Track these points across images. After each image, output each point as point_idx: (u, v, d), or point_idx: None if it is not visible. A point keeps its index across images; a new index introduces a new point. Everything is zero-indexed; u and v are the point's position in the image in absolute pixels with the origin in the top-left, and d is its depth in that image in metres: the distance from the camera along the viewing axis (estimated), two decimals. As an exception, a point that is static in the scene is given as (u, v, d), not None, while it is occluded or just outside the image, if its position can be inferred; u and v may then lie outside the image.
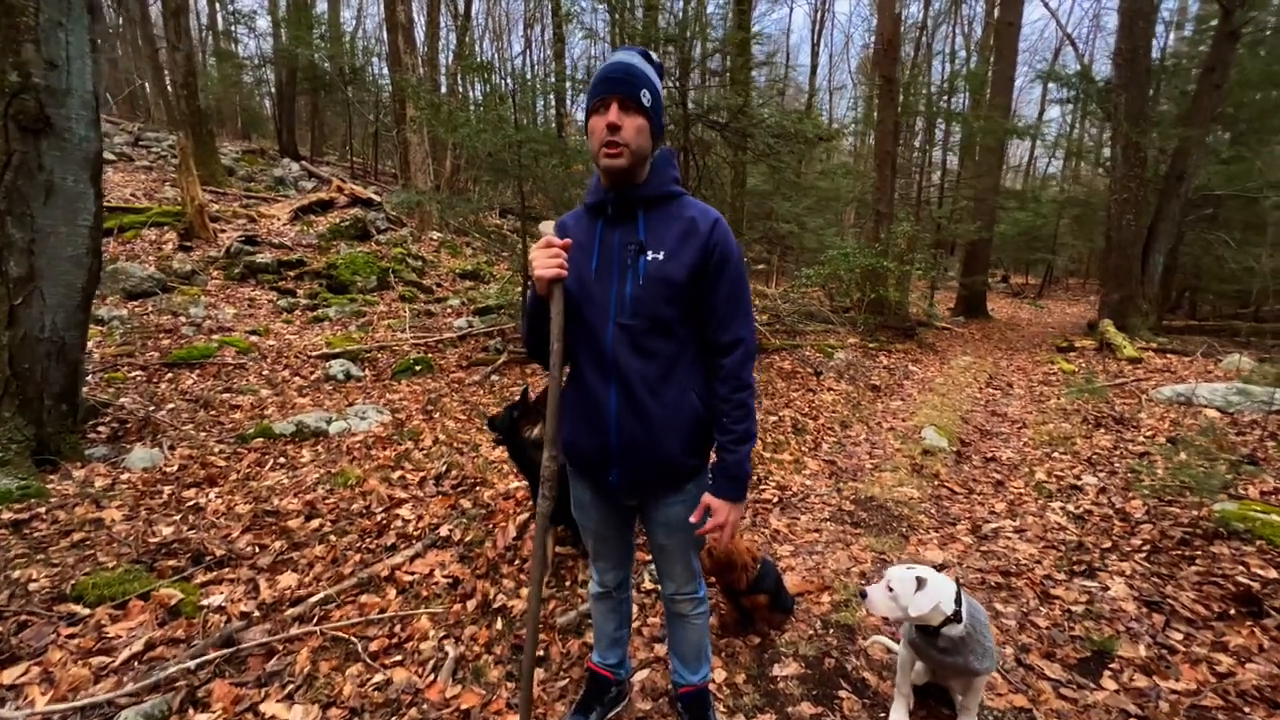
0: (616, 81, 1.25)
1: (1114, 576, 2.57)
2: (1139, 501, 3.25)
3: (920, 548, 2.91)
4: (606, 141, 1.25)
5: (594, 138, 1.29)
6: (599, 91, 1.26)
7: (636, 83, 1.26)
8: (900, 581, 1.61)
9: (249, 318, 6.40)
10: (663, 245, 1.31)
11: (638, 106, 1.26)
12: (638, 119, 1.26)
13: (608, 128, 1.24)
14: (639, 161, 1.30)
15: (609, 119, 1.24)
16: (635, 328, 1.31)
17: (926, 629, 1.66)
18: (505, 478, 3.37)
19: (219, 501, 2.84)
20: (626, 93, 1.24)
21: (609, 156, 1.26)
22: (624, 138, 1.25)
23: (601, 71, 1.28)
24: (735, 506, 1.38)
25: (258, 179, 12.38)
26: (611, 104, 1.25)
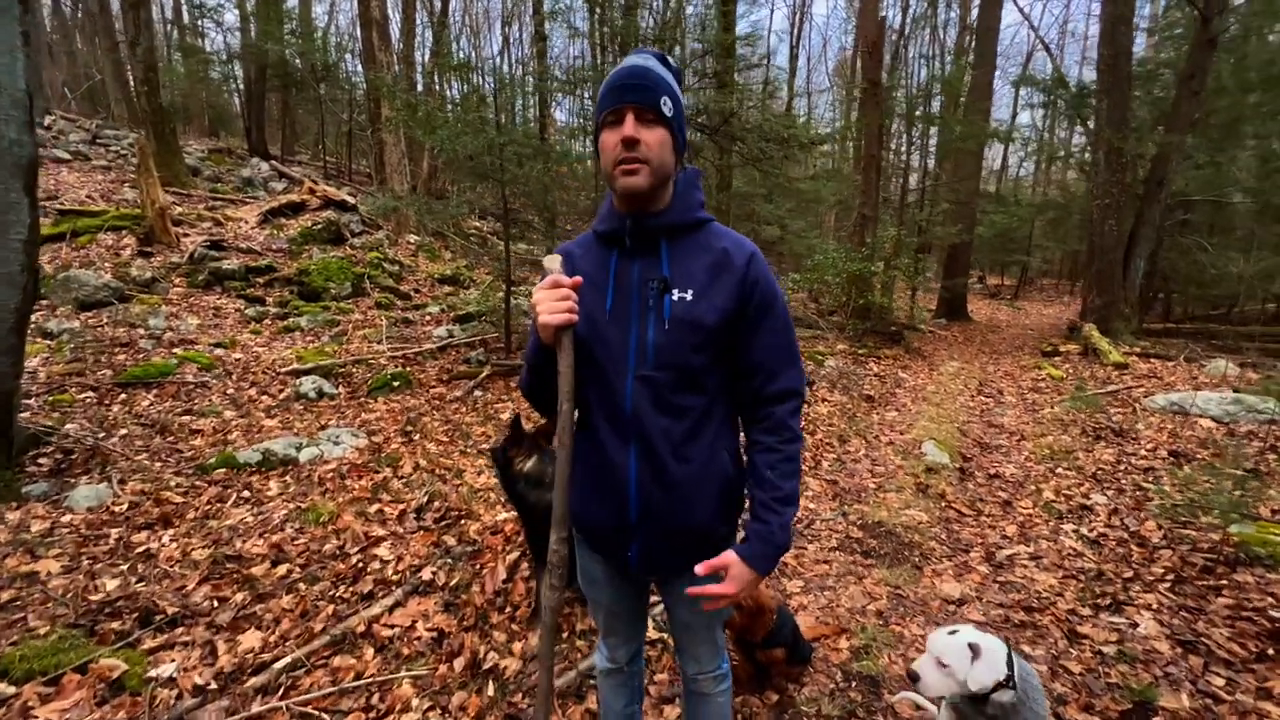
0: (632, 89, 1.04)
1: (1142, 611, 2.44)
2: (1153, 524, 3.14)
3: (935, 579, 2.76)
4: (623, 158, 1.05)
5: (606, 155, 1.08)
6: (611, 101, 1.05)
7: (655, 89, 1.05)
8: (953, 653, 1.44)
9: (214, 328, 6.04)
10: (691, 282, 1.11)
11: (658, 116, 1.05)
12: (658, 131, 1.06)
13: (623, 142, 1.04)
14: (661, 180, 1.10)
15: (624, 132, 1.03)
16: (659, 380, 1.10)
17: (975, 700, 1.48)
18: (493, 508, 3.14)
19: (173, 546, 2.56)
20: (644, 101, 1.04)
21: (626, 174, 1.06)
22: (643, 152, 1.04)
23: (613, 77, 1.07)
24: (759, 578, 1.18)
25: (225, 179, 11.88)
26: (627, 115, 1.04)
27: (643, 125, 1.05)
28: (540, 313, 1.04)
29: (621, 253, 1.16)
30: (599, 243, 1.21)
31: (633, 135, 1.03)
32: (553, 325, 1.04)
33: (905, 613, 2.50)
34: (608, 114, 1.06)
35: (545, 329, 1.05)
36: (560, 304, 1.04)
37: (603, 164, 1.11)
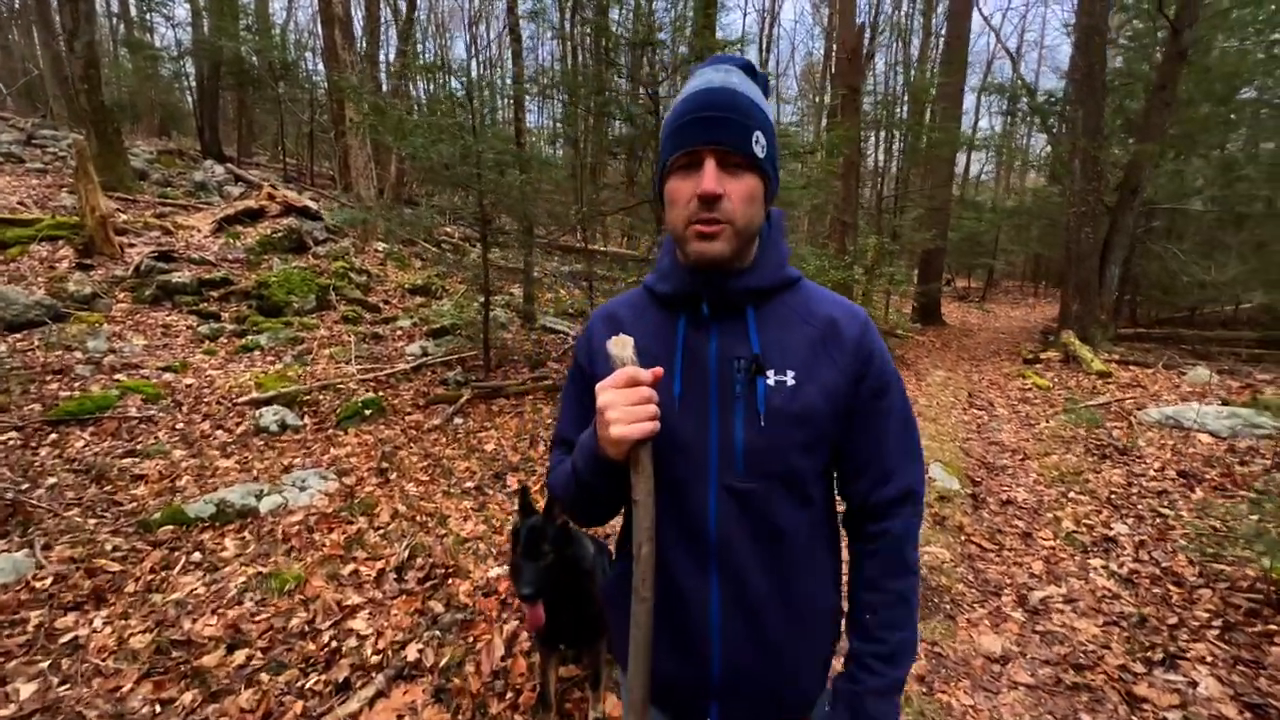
0: (715, 124, 0.76)
1: (1196, 666, 2.27)
2: (1183, 558, 3.00)
3: (972, 631, 2.55)
4: (699, 218, 0.77)
5: (676, 209, 0.80)
6: (687, 138, 0.77)
7: (745, 121, 0.77)
8: None
9: (163, 349, 5.54)
10: (790, 360, 0.84)
11: (746, 160, 0.78)
12: (746, 180, 0.79)
13: (701, 199, 0.76)
14: (746, 243, 0.82)
15: (704, 186, 0.75)
16: (754, 493, 0.83)
17: None
18: (483, 562, 2.82)
19: (107, 631, 2.17)
20: (732, 141, 0.76)
21: (702, 238, 0.78)
22: (726, 211, 0.77)
23: (689, 103, 0.78)
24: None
25: (175, 184, 11.15)
26: (706, 160, 0.76)
27: (727, 173, 0.77)
28: (612, 420, 0.75)
29: (693, 321, 0.88)
30: (657, 305, 0.92)
31: (714, 191, 0.75)
32: (630, 439, 0.75)
33: (949, 676, 2.28)
34: (682, 155, 0.78)
35: (619, 444, 0.76)
36: (640, 408, 0.75)
37: (670, 219, 0.82)
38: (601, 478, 0.83)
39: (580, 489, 0.87)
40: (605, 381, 0.78)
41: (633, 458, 0.77)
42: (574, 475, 0.88)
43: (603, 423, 0.76)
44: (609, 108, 5.70)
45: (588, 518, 0.94)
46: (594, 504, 0.89)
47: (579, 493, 0.88)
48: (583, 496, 0.88)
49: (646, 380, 0.76)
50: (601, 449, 0.79)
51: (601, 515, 0.93)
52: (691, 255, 0.81)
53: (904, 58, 21.57)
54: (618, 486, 0.82)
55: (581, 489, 0.87)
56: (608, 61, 6.82)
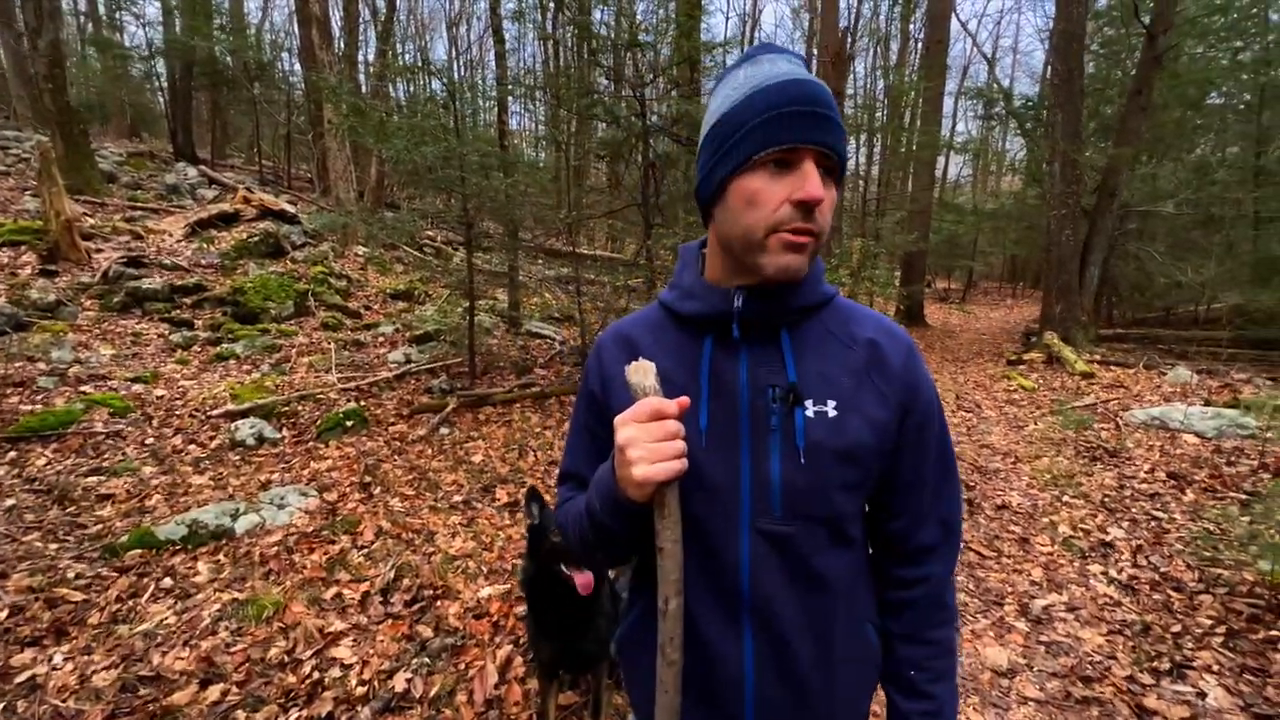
0: (817, 120, 0.66)
1: (1204, 675, 2.24)
2: (1181, 563, 2.99)
3: (978, 643, 2.50)
4: (796, 227, 0.68)
5: (756, 210, 0.69)
6: (782, 133, 0.66)
7: (840, 124, 0.69)
8: None
9: (132, 359, 5.32)
10: (831, 389, 0.76)
11: (837, 167, 0.70)
12: (833, 191, 0.71)
13: (801, 205, 0.67)
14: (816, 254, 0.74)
15: (811, 191, 0.66)
16: (792, 536, 0.74)
17: None
18: (472, 581, 2.70)
19: (68, 668, 2.02)
20: (832, 144, 0.67)
21: (792, 249, 0.69)
22: (820, 223, 0.69)
23: (777, 92, 0.67)
24: None
25: (146, 186, 10.81)
26: (806, 161, 0.67)
27: (826, 178, 0.69)
28: (635, 460, 0.65)
29: (720, 343, 0.79)
30: (677, 326, 0.84)
31: (820, 196, 0.66)
32: (656, 481, 0.65)
33: (959, 692, 2.22)
34: (776, 151, 0.67)
35: (643, 485, 0.66)
36: (667, 445, 0.66)
37: (746, 222, 0.70)
38: (621, 520, 0.73)
39: (596, 531, 0.77)
40: (625, 414, 0.68)
41: (657, 500, 0.68)
42: (588, 516, 0.78)
43: (623, 461, 0.67)
44: (594, 110, 5.61)
45: (602, 561, 0.85)
46: (611, 547, 0.79)
47: (595, 535, 0.78)
48: (599, 540, 0.79)
49: (673, 413, 0.67)
50: (621, 490, 0.70)
51: (618, 558, 0.84)
52: (772, 268, 0.70)
53: (883, 62, 21.79)
54: (638, 530, 0.73)
55: (598, 531, 0.77)
56: (593, 63, 6.74)
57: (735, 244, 0.73)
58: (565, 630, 1.70)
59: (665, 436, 0.66)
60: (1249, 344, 9.02)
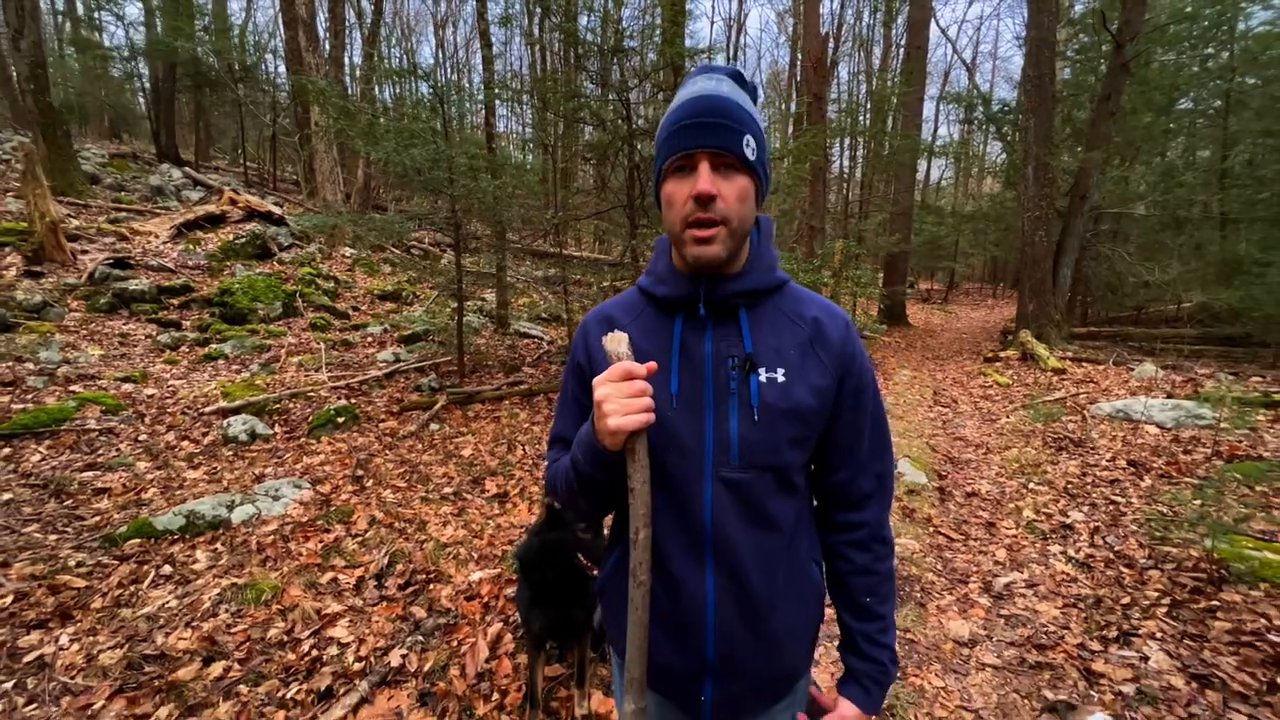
0: (707, 128, 0.81)
1: (1148, 641, 2.41)
2: (1134, 542, 3.18)
3: (942, 617, 2.66)
4: (696, 219, 0.82)
5: (673, 211, 0.85)
6: (680, 143, 0.82)
7: (737, 125, 0.82)
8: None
9: (121, 359, 5.35)
10: (781, 359, 0.90)
11: (739, 162, 0.83)
12: (739, 181, 0.84)
13: (696, 199, 0.81)
14: (740, 243, 0.87)
15: (699, 187, 0.80)
16: (748, 483, 0.88)
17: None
18: (463, 566, 2.81)
19: (75, 649, 2.10)
20: (723, 144, 0.81)
21: (699, 242, 0.83)
22: (721, 211, 0.82)
23: (681, 110, 0.83)
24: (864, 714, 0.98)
25: (129, 188, 10.76)
26: (701, 162, 0.81)
27: (720, 175, 0.82)
28: (610, 413, 0.79)
29: (689, 321, 0.92)
30: (653, 307, 0.97)
31: (709, 191, 0.80)
32: (628, 430, 0.79)
33: (921, 660, 2.37)
34: (677, 158, 0.83)
35: (616, 435, 0.80)
36: (636, 400, 0.79)
37: (667, 221, 0.87)
38: (600, 469, 0.86)
39: (580, 480, 0.91)
40: (601, 376, 0.81)
41: (629, 448, 0.81)
42: (573, 469, 0.91)
43: (600, 415, 0.80)
44: (580, 113, 5.74)
45: (586, 511, 0.98)
46: (593, 495, 0.92)
47: (579, 484, 0.91)
48: (582, 488, 0.91)
49: (641, 374, 0.80)
50: (599, 440, 0.83)
51: (601, 507, 0.97)
52: (689, 257, 0.85)
53: (866, 67, 22.13)
54: (616, 477, 0.86)
55: (581, 481, 0.90)
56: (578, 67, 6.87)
57: (672, 239, 0.88)
58: (559, 598, 1.83)
59: (635, 394, 0.79)
60: (1214, 341, 9.36)
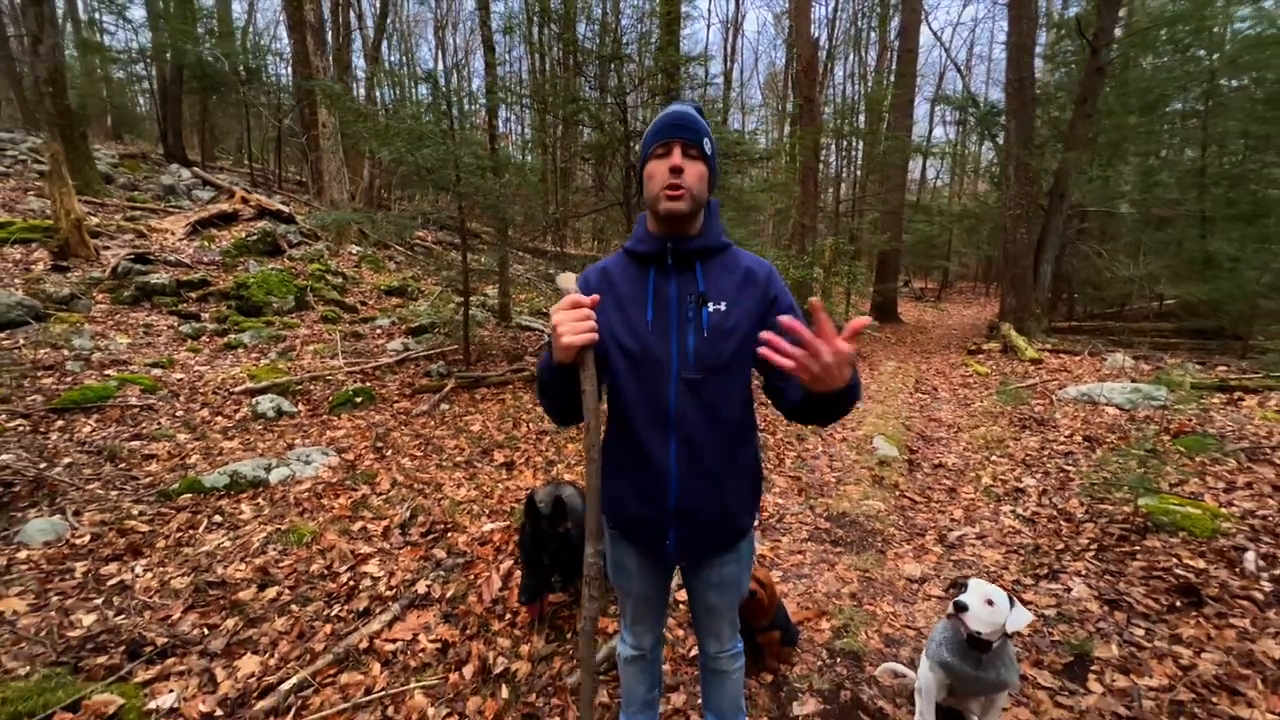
0: (680, 127, 1.21)
1: (1073, 577, 2.78)
2: (1076, 501, 3.55)
3: (898, 562, 3.02)
4: (669, 185, 1.20)
5: (653, 182, 1.23)
6: (662, 135, 1.21)
7: (699, 130, 1.22)
8: (999, 596, 1.65)
9: (147, 347, 5.69)
10: (724, 296, 1.26)
11: (700, 153, 1.22)
12: (699, 165, 1.22)
13: (671, 170, 1.19)
14: (698, 208, 1.25)
15: (673, 161, 1.19)
16: (700, 382, 1.24)
17: (973, 646, 1.69)
18: (477, 519, 3.17)
19: (149, 576, 2.46)
20: (690, 138, 1.20)
21: (671, 199, 1.20)
22: (686, 181, 1.20)
23: (664, 117, 1.23)
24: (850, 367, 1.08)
25: (142, 188, 11.09)
26: (675, 148, 1.20)
27: (687, 159, 1.20)
28: (562, 334, 1.11)
29: (660, 270, 1.29)
30: (634, 262, 1.33)
31: (680, 164, 1.18)
32: (576, 345, 1.11)
33: (875, 594, 2.74)
34: (658, 146, 1.21)
35: (568, 350, 1.12)
36: (582, 324, 1.12)
37: (648, 190, 1.24)
38: (556, 380, 1.21)
39: (544, 390, 1.27)
40: (555, 306, 1.17)
41: (580, 360, 1.15)
42: (539, 383, 1.28)
43: (555, 336, 1.14)
44: (579, 116, 6.10)
45: (556, 414, 1.32)
46: (557, 399, 1.26)
47: (546, 398, 1.28)
48: (545, 395, 1.28)
49: (586, 304, 1.14)
50: (555, 357, 1.17)
51: (565, 412, 1.29)
52: (662, 212, 1.22)
53: (860, 69, 22.50)
54: (568, 389, 1.20)
55: (544, 389, 1.27)
56: (577, 72, 7.23)
57: (650, 202, 1.24)
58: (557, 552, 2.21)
59: (581, 319, 1.13)
60: (1190, 334, 9.74)
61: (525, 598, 2.20)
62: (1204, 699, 1.99)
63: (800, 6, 11.11)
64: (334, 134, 10.38)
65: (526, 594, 2.19)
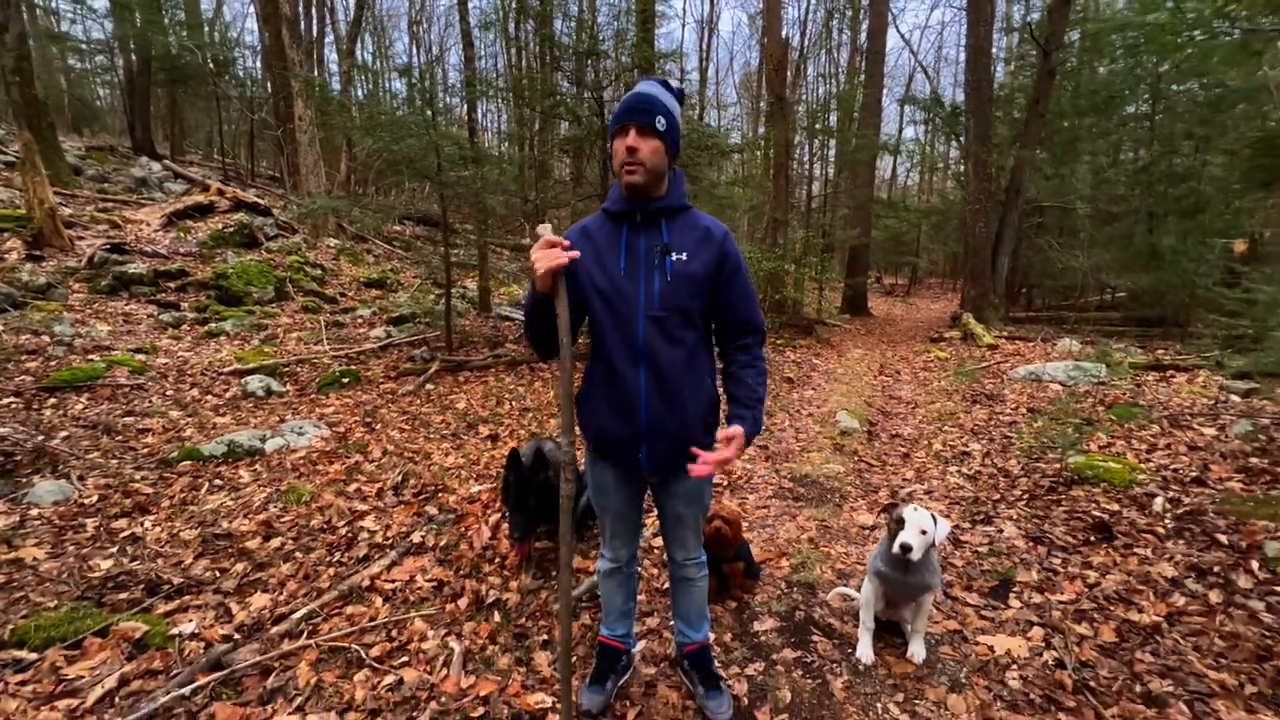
0: (634, 111, 1.44)
1: (1005, 521, 3.11)
2: (1015, 461, 3.90)
3: (852, 513, 3.33)
4: (625, 162, 1.44)
5: (617, 157, 1.47)
6: (620, 119, 1.45)
7: (653, 110, 1.44)
8: (926, 523, 1.94)
9: (128, 334, 5.75)
10: (685, 248, 1.52)
11: (653, 131, 1.45)
12: (653, 141, 1.45)
13: (627, 150, 1.43)
14: (655, 178, 1.49)
15: (628, 142, 1.43)
16: (664, 319, 1.50)
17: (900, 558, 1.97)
18: (465, 483, 3.38)
19: (158, 530, 2.63)
20: (643, 121, 1.43)
21: (629, 173, 1.45)
22: (640, 158, 1.44)
23: (625, 101, 1.47)
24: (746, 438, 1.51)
25: (112, 180, 10.96)
26: (630, 129, 1.43)
27: (642, 137, 1.44)
28: (539, 262, 1.37)
29: (631, 227, 1.54)
30: (609, 220, 1.58)
31: (633, 145, 1.42)
32: (553, 268, 1.37)
33: (831, 538, 3.03)
34: (618, 127, 1.45)
35: (545, 276, 1.38)
36: (553, 254, 1.37)
37: (614, 163, 1.49)
38: (538, 306, 1.47)
39: (530, 318, 1.53)
40: (535, 246, 1.42)
41: (555, 288, 1.40)
42: (525, 311, 1.53)
43: (535, 268, 1.39)
44: (557, 110, 6.31)
45: (543, 348, 1.57)
46: (538, 327, 1.52)
47: (531, 324, 1.54)
48: (535, 327, 1.53)
49: (559, 243, 1.40)
50: (534, 286, 1.43)
51: (546, 342, 1.54)
52: (623, 184, 1.47)
53: (831, 69, 23.03)
54: (549, 312, 1.45)
55: (530, 318, 1.53)
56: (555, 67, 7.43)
57: (615, 174, 1.49)
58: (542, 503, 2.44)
59: (554, 254, 1.38)
60: (1136, 322, 10.36)
61: (518, 534, 2.42)
62: (1104, 607, 2.32)
63: (772, 7, 11.45)
64: (310, 127, 10.40)
65: (519, 530, 2.41)
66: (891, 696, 1.94)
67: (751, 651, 2.16)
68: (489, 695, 1.88)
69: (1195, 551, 2.63)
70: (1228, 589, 2.36)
